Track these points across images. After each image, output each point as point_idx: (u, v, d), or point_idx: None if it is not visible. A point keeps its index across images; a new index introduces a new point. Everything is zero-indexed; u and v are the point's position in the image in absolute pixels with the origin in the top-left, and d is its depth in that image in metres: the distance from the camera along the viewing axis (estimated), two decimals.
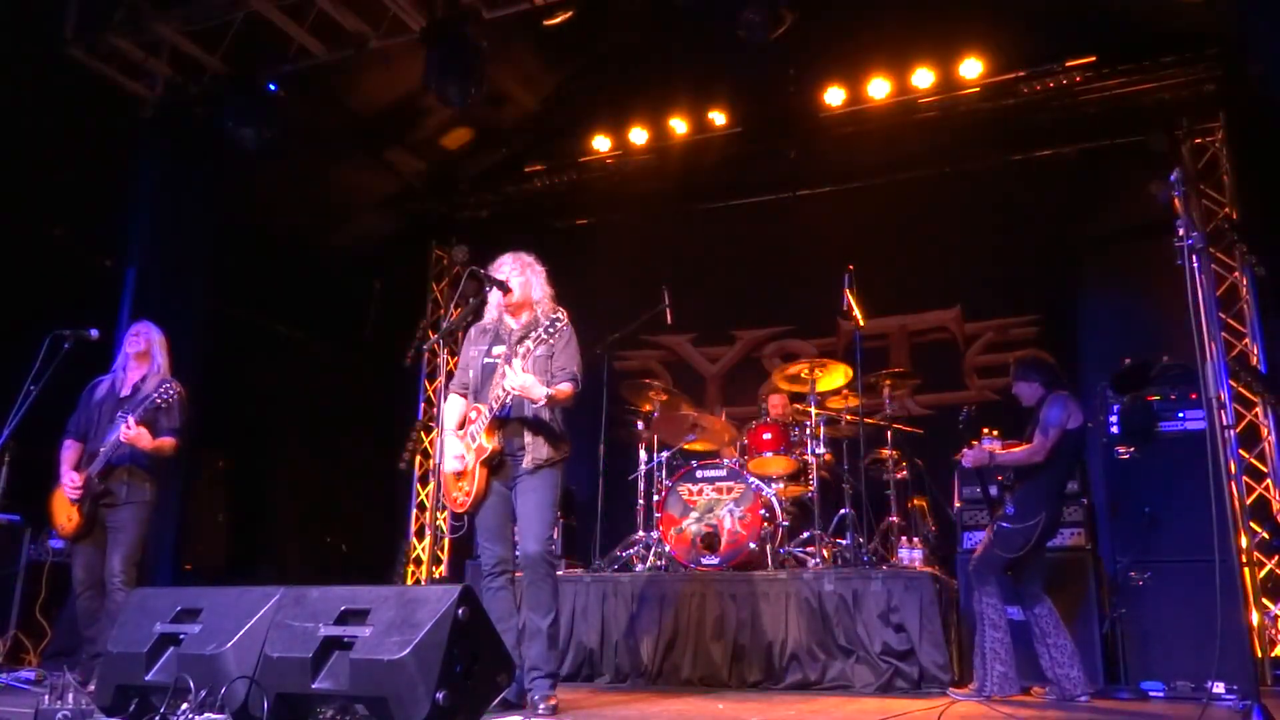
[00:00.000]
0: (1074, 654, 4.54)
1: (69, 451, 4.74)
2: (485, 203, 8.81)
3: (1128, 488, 5.16)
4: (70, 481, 4.61)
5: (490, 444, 3.93)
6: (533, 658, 3.86)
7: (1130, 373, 5.39)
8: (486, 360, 4.13)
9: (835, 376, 6.37)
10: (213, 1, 6.46)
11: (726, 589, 5.41)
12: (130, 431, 4.51)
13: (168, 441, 4.70)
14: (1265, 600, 5.85)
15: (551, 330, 3.86)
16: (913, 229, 8.01)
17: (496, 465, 4.00)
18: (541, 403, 3.90)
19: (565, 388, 3.98)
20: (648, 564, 6.03)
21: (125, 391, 4.76)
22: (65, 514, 4.65)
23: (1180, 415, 5.22)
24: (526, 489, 3.96)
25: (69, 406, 4.88)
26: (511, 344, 4.03)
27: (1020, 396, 4.95)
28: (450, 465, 4.08)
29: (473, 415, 4.05)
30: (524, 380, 3.81)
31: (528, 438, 3.99)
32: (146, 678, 3.09)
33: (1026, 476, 4.68)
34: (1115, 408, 5.37)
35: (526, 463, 3.96)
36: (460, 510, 4.09)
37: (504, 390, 3.88)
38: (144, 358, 4.83)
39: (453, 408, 4.24)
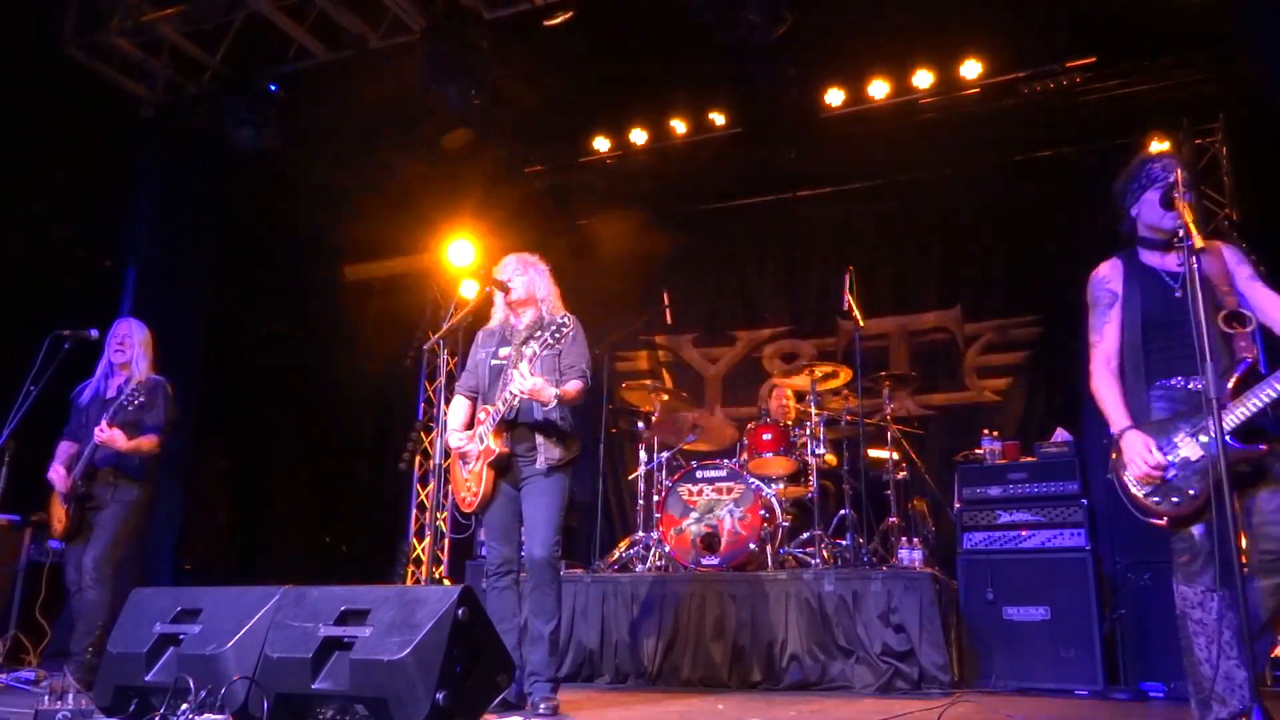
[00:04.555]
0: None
1: (62, 451, 4.77)
2: (485, 203, 8.80)
3: None
4: (57, 475, 4.64)
5: (498, 446, 3.93)
6: (534, 663, 3.86)
7: None
8: (494, 362, 4.13)
9: (835, 377, 6.36)
10: (213, 1, 6.46)
11: (726, 589, 5.41)
12: (103, 434, 4.50)
13: (147, 441, 4.65)
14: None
15: (558, 335, 3.85)
16: (913, 229, 8.02)
17: (504, 467, 4.00)
18: (551, 404, 3.89)
19: (575, 385, 3.98)
20: (648, 564, 6.03)
21: (111, 394, 4.76)
22: (57, 515, 4.66)
23: None
24: (536, 492, 3.96)
25: (68, 406, 4.89)
26: (516, 345, 4.02)
27: None
28: (455, 441, 4.09)
29: (481, 417, 4.05)
30: (533, 383, 3.80)
31: (537, 439, 3.98)
32: (146, 678, 3.09)
33: None
34: None
35: (539, 464, 3.96)
36: (468, 510, 4.10)
37: (512, 394, 3.87)
38: (127, 361, 4.81)
39: (457, 409, 4.24)
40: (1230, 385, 2.80)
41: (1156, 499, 2.85)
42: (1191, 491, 2.79)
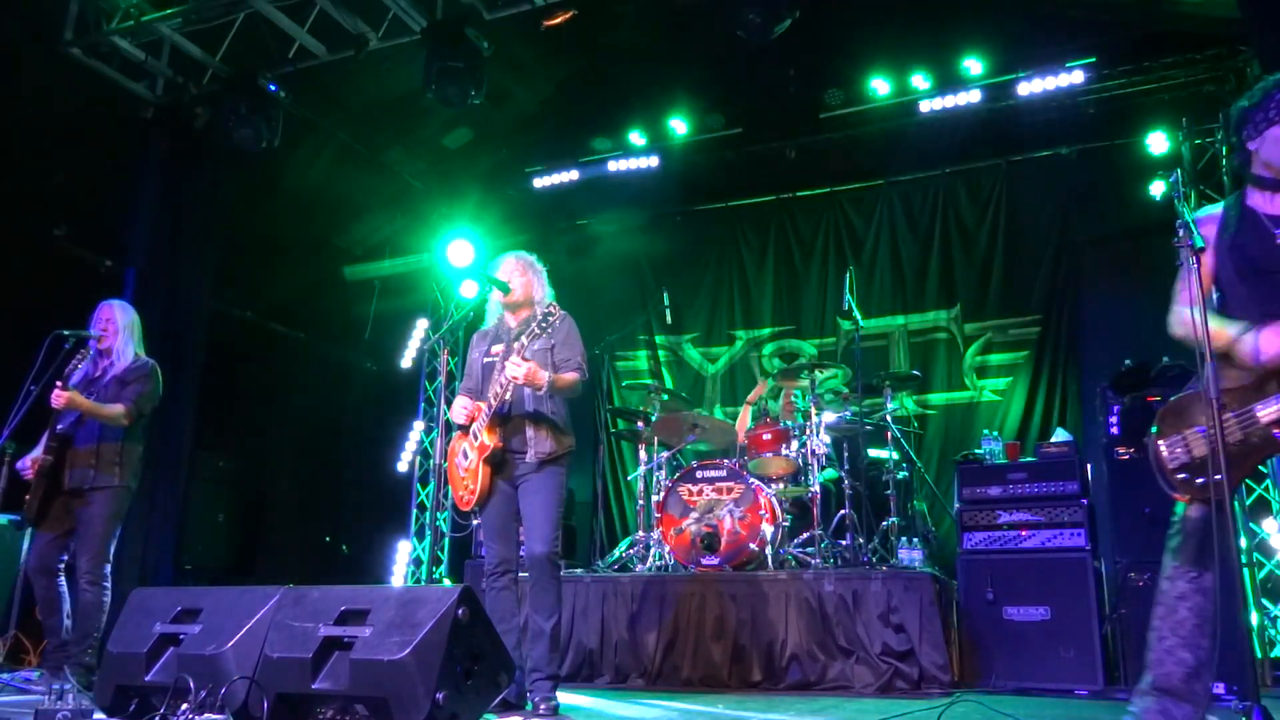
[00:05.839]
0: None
1: (47, 438, 4.68)
2: (485, 203, 8.81)
3: (1128, 488, 5.16)
4: (30, 459, 4.58)
5: (491, 440, 3.93)
6: (535, 659, 3.86)
7: (1130, 373, 5.39)
8: (486, 360, 4.15)
9: (835, 377, 6.37)
10: (213, 1, 6.47)
11: (726, 589, 5.41)
12: (60, 399, 4.42)
13: (116, 409, 4.55)
14: (1265, 600, 5.84)
15: (545, 324, 3.85)
16: (913, 229, 8.02)
17: (499, 463, 4.00)
18: (545, 388, 3.89)
19: (570, 375, 3.99)
20: (648, 564, 6.04)
21: (96, 374, 4.71)
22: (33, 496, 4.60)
23: None
24: (531, 488, 3.96)
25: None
26: (509, 342, 4.03)
27: None
28: (458, 415, 4.07)
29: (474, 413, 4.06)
30: (526, 367, 3.81)
31: (529, 433, 3.98)
32: (146, 678, 3.09)
33: None
34: (1115, 408, 5.37)
35: (530, 458, 3.96)
36: (465, 508, 4.10)
37: (503, 384, 3.88)
38: (110, 347, 4.74)
39: (457, 410, 4.25)
40: None
41: (1184, 476, 2.70)
42: (1219, 476, 2.58)
